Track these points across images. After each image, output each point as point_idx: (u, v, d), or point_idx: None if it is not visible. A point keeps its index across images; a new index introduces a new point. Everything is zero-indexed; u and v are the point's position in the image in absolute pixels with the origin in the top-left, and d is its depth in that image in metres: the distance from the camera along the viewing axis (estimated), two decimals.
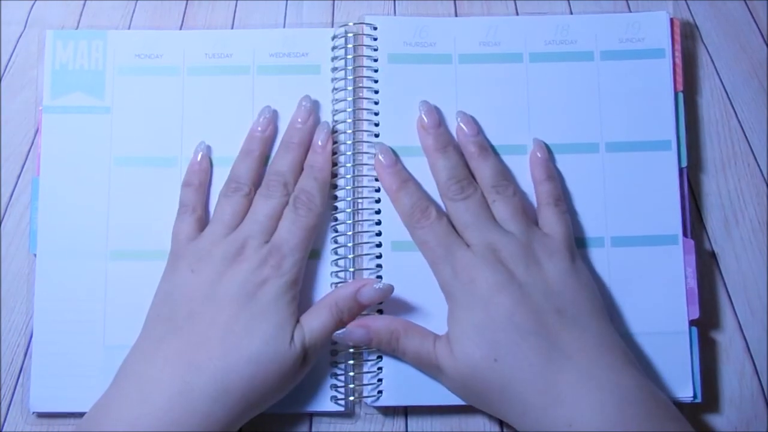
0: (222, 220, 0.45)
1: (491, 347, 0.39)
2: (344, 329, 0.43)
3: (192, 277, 0.42)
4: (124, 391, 0.40)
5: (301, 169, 0.46)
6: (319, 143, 0.47)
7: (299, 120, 0.47)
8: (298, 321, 0.42)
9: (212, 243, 0.44)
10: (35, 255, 0.47)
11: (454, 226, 0.44)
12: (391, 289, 0.43)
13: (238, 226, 0.44)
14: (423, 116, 0.47)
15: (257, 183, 0.46)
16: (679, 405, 0.44)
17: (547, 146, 0.47)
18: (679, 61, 0.49)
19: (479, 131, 0.47)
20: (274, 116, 0.48)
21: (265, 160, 0.47)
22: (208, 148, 0.48)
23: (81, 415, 0.41)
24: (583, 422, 0.37)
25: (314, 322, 0.42)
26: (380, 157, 0.46)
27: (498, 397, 0.39)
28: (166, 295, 0.43)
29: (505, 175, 0.46)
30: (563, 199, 0.46)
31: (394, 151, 0.47)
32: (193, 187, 0.46)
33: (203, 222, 0.46)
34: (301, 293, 0.45)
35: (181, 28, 0.53)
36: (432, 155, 0.46)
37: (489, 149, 0.47)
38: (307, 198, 0.45)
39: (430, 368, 0.43)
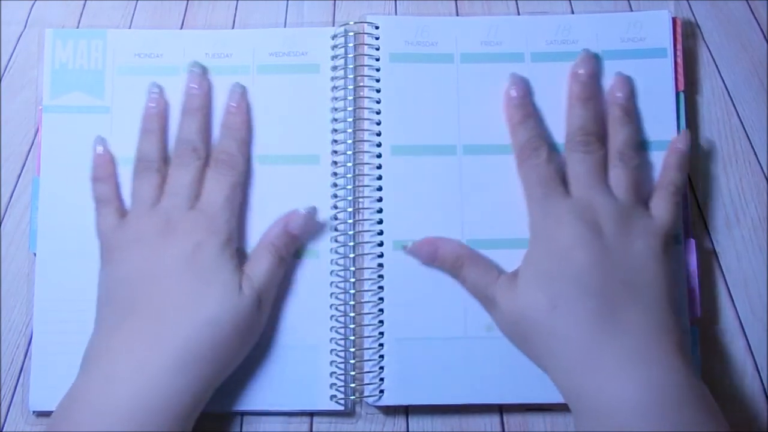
0: (142, 199, 0.45)
1: (554, 295, 0.40)
2: (414, 244, 0.45)
3: (130, 262, 0.43)
4: (89, 379, 0.40)
5: (209, 133, 0.47)
6: (233, 104, 0.47)
7: (193, 85, 0.48)
8: (243, 272, 0.43)
9: (139, 224, 0.44)
10: (35, 254, 0.47)
11: (562, 176, 0.45)
12: (315, 211, 0.45)
13: (159, 201, 0.44)
14: (579, 62, 0.47)
15: (165, 157, 0.46)
16: None
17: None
18: (680, 60, 0.49)
19: (630, 97, 0.47)
20: (161, 90, 0.48)
21: (165, 134, 0.48)
22: (104, 140, 0.48)
23: None
24: (618, 396, 0.37)
25: (258, 268, 0.43)
26: (511, 90, 0.47)
27: (545, 345, 0.40)
28: (109, 285, 0.43)
29: (636, 147, 0.46)
30: (682, 193, 0.45)
31: (528, 84, 0.48)
32: (102, 180, 0.46)
33: (123, 211, 0.46)
34: (297, 295, 0.45)
35: (181, 28, 0.53)
36: (573, 101, 0.47)
37: (633, 118, 0.47)
38: (227, 157, 0.46)
39: (485, 300, 0.44)
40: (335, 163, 0.48)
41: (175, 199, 0.44)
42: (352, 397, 0.44)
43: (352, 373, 0.45)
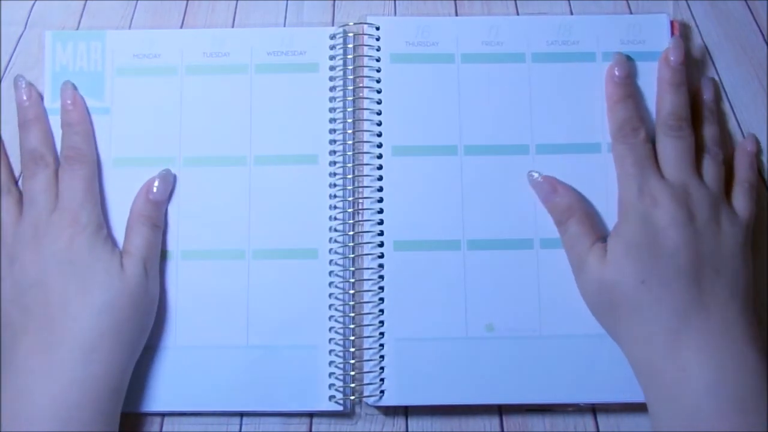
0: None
1: (644, 269, 0.41)
2: (538, 179, 0.46)
3: (16, 269, 0.43)
4: (5, 391, 0.40)
5: (52, 138, 0.48)
6: (68, 101, 0.48)
7: (24, 99, 0.48)
8: (121, 251, 0.44)
9: (15, 235, 0.44)
10: None
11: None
12: (169, 173, 0.47)
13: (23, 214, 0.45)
14: (671, 48, 0.48)
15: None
16: None
17: (758, 143, 0.49)
18: None
19: (717, 99, 0.50)
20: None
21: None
22: None
23: None
24: (697, 376, 0.39)
25: (135, 241, 0.45)
26: (615, 69, 0.48)
27: (627, 316, 0.42)
28: (11, 291, 0.43)
29: (721, 145, 0.47)
30: (756, 190, 0.47)
31: (633, 67, 0.49)
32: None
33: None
34: (294, 295, 0.45)
35: (181, 28, 0.53)
36: (665, 87, 0.47)
37: (717, 118, 0.49)
38: (75, 153, 0.46)
39: (576, 261, 0.45)
40: (333, 163, 0.48)
41: (36, 208, 0.44)
42: (352, 398, 0.44)
43: (352, 373, 0.45)
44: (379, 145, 0.48)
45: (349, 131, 0.48)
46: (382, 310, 0.45)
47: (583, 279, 0.44)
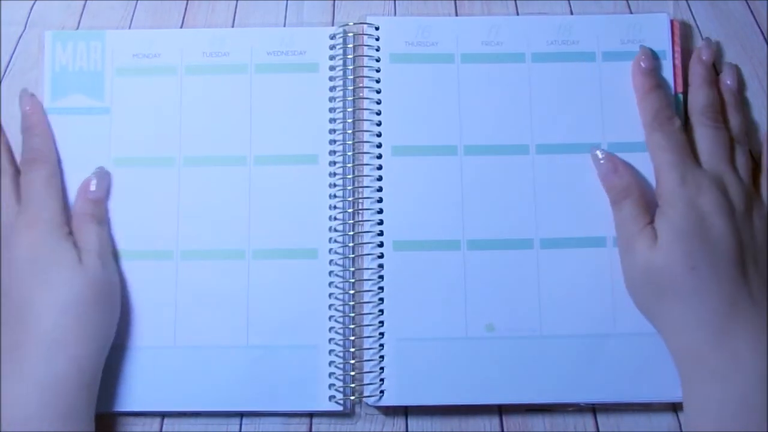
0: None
1: (694, 256, 0.41)
2: (601, 157, 0.46)
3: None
4: None
5: (7, 145, 0.48)
6: (27, 107, 0.49)
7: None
8: (77, 248, 0.44)
9: None
10: None
11: None
12: (104, 170, 0.47)
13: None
14: (703, 47, 0.50)
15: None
16: (679, 405, 0.44)
17: None
18: (678, 62, 0.49)
19: (739, 85, 0.50)
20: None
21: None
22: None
23: None
24: (750, 363, 0.39)
25: (85, 237, 0.45)
26: (641, 62, 0.48)
27: (674, 302, 0.42)
28: None
29: (746, 133, 0.48)
30: None
31: (658, 59, 0.49)
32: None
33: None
34: (294, 295, 0.45)
35: (181, 28, 0.53)
36: (699, 82, 0.48)
37: (741, 105, 0.49)
38: (36, 154, 0.47)
39: (625, 242, 0.45)
40: (333, 163, 0.48)
41: (5, 214, 0.45)
42: (352, 398, 0.44)
43: (352, 373, 0.45)
44: (379, 145, 0.48)
45: (349, 131, 0.48)
46: (381, 310, 0.45)
47: (630, 261, 0.44)
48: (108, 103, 0.49)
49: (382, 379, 0.44)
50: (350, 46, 0.49)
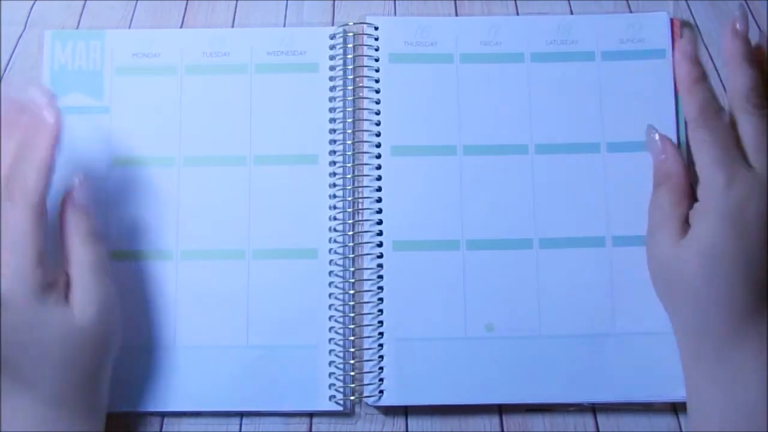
0: None
1: (714, 268, 0.39)
2: (655, 136, 0.45)
3: None
4: None
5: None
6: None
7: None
8: (65, 288, 0.40)
9: None
10: None
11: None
12: (82, 175, 0.42)
13: None
14: (737, 22, 0.44)
15: None
16: (680, 405, 0.44)
17: None
18: None
19: None
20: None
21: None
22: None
23: None
24: (753, 374, 0.38)
25: (79, 273, 0.40)
26: (686, 50, 0.45)
27: (683, 301, 0.41)
28: None
29: None
30: None
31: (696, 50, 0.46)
32: None
33: None
34: (294, 295, 0.46)
35: (181, 28, 0.53)
36: (738, 61, 0.43)
37: None
38: (21, 183, 0.39)
39: (651, 226, 0.44)
40: (333, 163, 0.48)
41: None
42: (352, 398, 0.44)
43: (352, 373, 0.45)
44: (378, 145, 0.48)
45: (349, 131, 0.48)
46: (381, 310, 0.45)
47: (653, 247, 0.44)
48: (107, 102, 0.49)
49: (381, 379, 0.44)
50: (350, 46, 0.49)
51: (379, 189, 0.47)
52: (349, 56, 0.49)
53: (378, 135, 0.48)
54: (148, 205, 0.47)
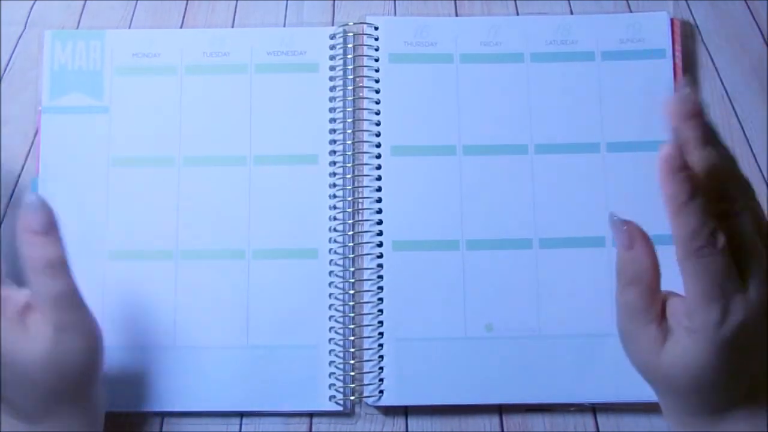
0: None
1: (701, 385, 0.36)
2: (619, 223, 0.37)
3: None
4: None
5: None
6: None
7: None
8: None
9: None
10: None
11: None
12: (35, 195, 0.38)
13: None
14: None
15: None
16: None
17: None
18: (679, 61, 0.49)
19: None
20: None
21: None
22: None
23: None
24: None
25: (38, 296, 0.37)
26: (668, 158, 0.34)
27: (666, 394, 0.38)
28: None
29: None
30: None
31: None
32: None
33: None
34: (294, 295, 0.46)
35: (181, 28, 0.53)
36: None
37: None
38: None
39: (626, 329, 0.38)
40: (333, 163, 0.48)
41: None
42: (352, 398, 0.44)
43: (352, 373, 0.45)
44: (378, 145, 0.48)
45: (349, 131, 0.48)
46: (381, 310, 0.45)
47: (630, 352, 0.39)
48: (107, 102, 0.49)
49: (381, 379, 0.44)
50: (350, 46, 0.49)
51: (379, 189, 0.47)
52: (349, 56, 0.49)
53: (378, 135, 0.48)
54: (148, 205, 0.47)
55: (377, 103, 0.48)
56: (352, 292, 0.46)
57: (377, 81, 0.48)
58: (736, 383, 0.36)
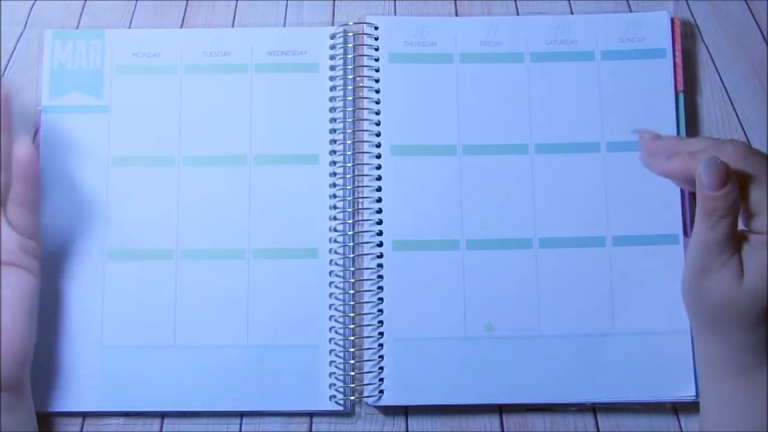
0: None
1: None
2: (713, 168, 0.38)
3: None
4: None
5: None
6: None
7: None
8: None
9: None
10: None
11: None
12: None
13: None
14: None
15: None
16: (680, 405, 0.44)
17: None
18: (679, 60, 0.49)
19: None
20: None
21: None
22: None
23: (79, 414, 0.41)
24: None
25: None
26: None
27: (731, 327, 0.39)
28: None
29: None
30: None
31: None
32: None
33: None
34: (294, 295, 0.46)
35: (181, 28, 0.53)
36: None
37: None
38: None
39: (700, 263, 0.39)
40: (334, 162, 0.48)
41: None
42: (352, 398, 0.44)
43: (352, 373, 0.45)
44: (378, 145, 0.48)
45: (349, 131, 0.48)
46: (381, 310, 0.45)
47: (705, 289, 0.39)
48: (107, 101, 0.49)
49: (381, 379, 0.44)
50: (350, 45, 0.49)
51: (379, 189, 0.47)
52: (349, 56, 0.49)
53: (378, 135, 0.48)
54: (148, 205, 0.47)
55: (377, 102, 0.48)
56: (352, 292, 0.46)
57: (377, 81, 0.48)
58: None
